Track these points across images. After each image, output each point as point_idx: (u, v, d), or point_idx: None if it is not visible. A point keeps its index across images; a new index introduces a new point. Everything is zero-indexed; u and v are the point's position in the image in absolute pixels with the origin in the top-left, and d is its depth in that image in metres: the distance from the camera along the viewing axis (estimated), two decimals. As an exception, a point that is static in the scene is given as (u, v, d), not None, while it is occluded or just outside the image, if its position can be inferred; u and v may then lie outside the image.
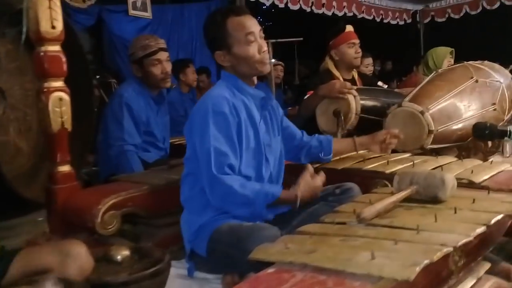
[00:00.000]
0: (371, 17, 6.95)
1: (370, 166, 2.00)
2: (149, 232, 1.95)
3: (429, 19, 7.40)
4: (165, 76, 2.61)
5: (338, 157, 2.16)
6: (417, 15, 7.48)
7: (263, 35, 1.81)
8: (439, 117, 2.40)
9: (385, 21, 7.14)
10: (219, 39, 1.76)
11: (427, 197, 1.40)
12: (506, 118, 2.71)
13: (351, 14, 6.70)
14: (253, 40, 1.74)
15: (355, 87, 2.76)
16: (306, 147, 2.09)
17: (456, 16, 7.07)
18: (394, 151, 2.26)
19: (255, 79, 1.85)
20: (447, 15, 7.16)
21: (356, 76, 3.25)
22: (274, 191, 1.64)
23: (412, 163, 1.96)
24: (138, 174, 2.11)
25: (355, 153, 2.17)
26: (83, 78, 2.51)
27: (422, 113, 2.38)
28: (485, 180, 1.74)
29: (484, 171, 1.80)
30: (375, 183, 1.95)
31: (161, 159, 2.50)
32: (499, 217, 1.23)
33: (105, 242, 1.78)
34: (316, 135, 2.13)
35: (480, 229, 1.15)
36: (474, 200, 1.36)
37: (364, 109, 2.72)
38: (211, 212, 1.68)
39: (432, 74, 2.79)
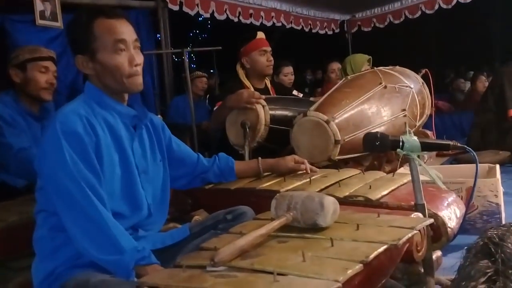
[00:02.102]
0: (299, 27, 6.85)
1: (265, 185, 1.74)
2: (5, 276, 1.58)
3: (356, 28, 7.42)
4: (48, 87, 2.29)
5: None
6: (345, 25, 7.47)
7: (139, 45, 1.50)
8: (346, 126, 2.19)
9: (313, 31, 7.06)
10: (82, 41, 1.44)
11: (306, 224, 1.14)
12: (418, 124, 2.56)
13: (279, 24, 6.56)
14: (123, 48, 1.43)
15: (264, 97, 2.51)
16: (203, 175, 1.79)
17: (381, 25, 7.12)
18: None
19: (125, 95, 1.52)
20: (372, 25, 7.20)
21: (269, 85, 3.02)
22: (151, 259, 1.29)
23: (310, 179, 1.72)
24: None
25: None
26: None
27: (327, 122, 2.15)
28: (384, 196, 1.52)
29: (384, 185, 1.58)
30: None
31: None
32: (381, 249, 0.98)
33: None
34: (217, 159, 1.83)
35: (354, 269, 0.90)
36: (358, 226, 1.11)
37: (274, 120, 2.48)
38: (62, 258, 1.34)
39: (341, 81, 2.59)
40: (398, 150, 1.30)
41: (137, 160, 1.50)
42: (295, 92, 3.20)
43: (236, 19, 5.84)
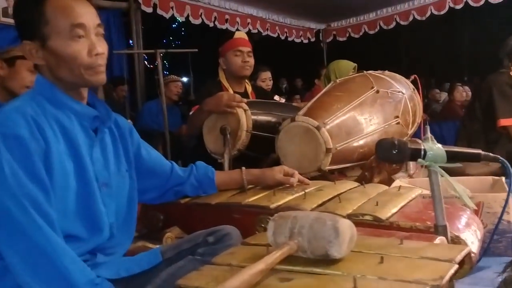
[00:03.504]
0: (275, 35, 6.66)
1: (251, 199, 1.46)
2: None
3: (331, 38, 7.28)
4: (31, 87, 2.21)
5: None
6: (320, 34, 7.32)
7: (102, 32, 1.21)
8: (338, 133, 1.94)
9: (289, 39, 6.89)
10: (30, 25, 1.15)
11: (315, 255, 0.87)
12: (410, 132, 2.34)
13: (255, 31, 6.34)
14: (81, 35, 1.15)
15: (245, 100, 2.24)
16: (177, 187, 1.51)
17: (356, 36, 7.01)
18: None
19: (84, 92, 1.23)
20: (348, 34, 7.09)
21: (249, 89, 2.76)
22: None
23: (303, 192, 1.45)
24: None
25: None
26: None
27: (318, 128, 1.90)
28: (394, 214, 1.26)
29: (392, 201, 1.33)
30: (260, 220, 1.41)
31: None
32: (423, 292, 0.72)
33: None
34: (195, 168, 1.55)
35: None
36: (382, 258, 0.84)
37: (257, 125, 2.21)
38: None
39: (330, 84, 2.36)
40: (419, 160, 1.05)
41: (97, 170, 1.20)
42: (276, 97, 2.94)
43: (211, 24, 5.59)
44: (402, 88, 2.34)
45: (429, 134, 1.08)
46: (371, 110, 2.11)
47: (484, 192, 1.80)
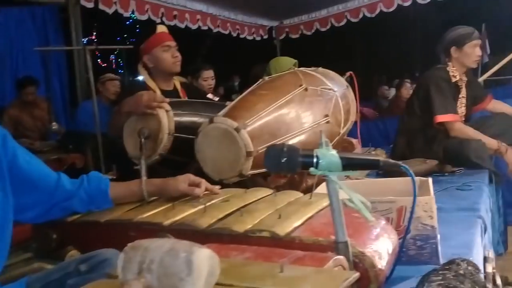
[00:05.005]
0: (227, 32, 6.47)
1: (146, 215, 1.27)
2: None
3: (284, 35, 7.17)
4: None
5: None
6: (273, 31, 7.19)
7: None
8: (259, 135, 1.78)
9: (241, 36, 6.71)
10: None
11: (168, 295, 0.70)
12: (342, 131, 2.21)
13: (205, 28, 6.13)
14: None
15: (168, 100, 2.05)
16: (64, 202, 1.29)
17: (308, 33, 6.94)
18: (213, 182, 1.64)
19: None
20: (300, 32, 6.99)
21: (179, 87, 2.57)
22: None
23: (204, 206, 1.27)
24: None
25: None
26: None
27: (237, 130, 1.73)
28: (296, 227, 1.11)
29: (297, 212, 1.18)
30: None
31: None
32: None
33: None
34: (86, 180, 1.33)
35: None
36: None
37: (180, 127, 2.02)
38: None
39: (258, 82, 2.19)
40: (312, 169, 0.90)
41: None
42: (210, 96, 2.77)
43: (158, 20, 5.33)
44: (334, 86, 2.21)
45: (323, 139, 0.92)
46: (299, 109, 1.96)
47: (411, 194, 1.68)
